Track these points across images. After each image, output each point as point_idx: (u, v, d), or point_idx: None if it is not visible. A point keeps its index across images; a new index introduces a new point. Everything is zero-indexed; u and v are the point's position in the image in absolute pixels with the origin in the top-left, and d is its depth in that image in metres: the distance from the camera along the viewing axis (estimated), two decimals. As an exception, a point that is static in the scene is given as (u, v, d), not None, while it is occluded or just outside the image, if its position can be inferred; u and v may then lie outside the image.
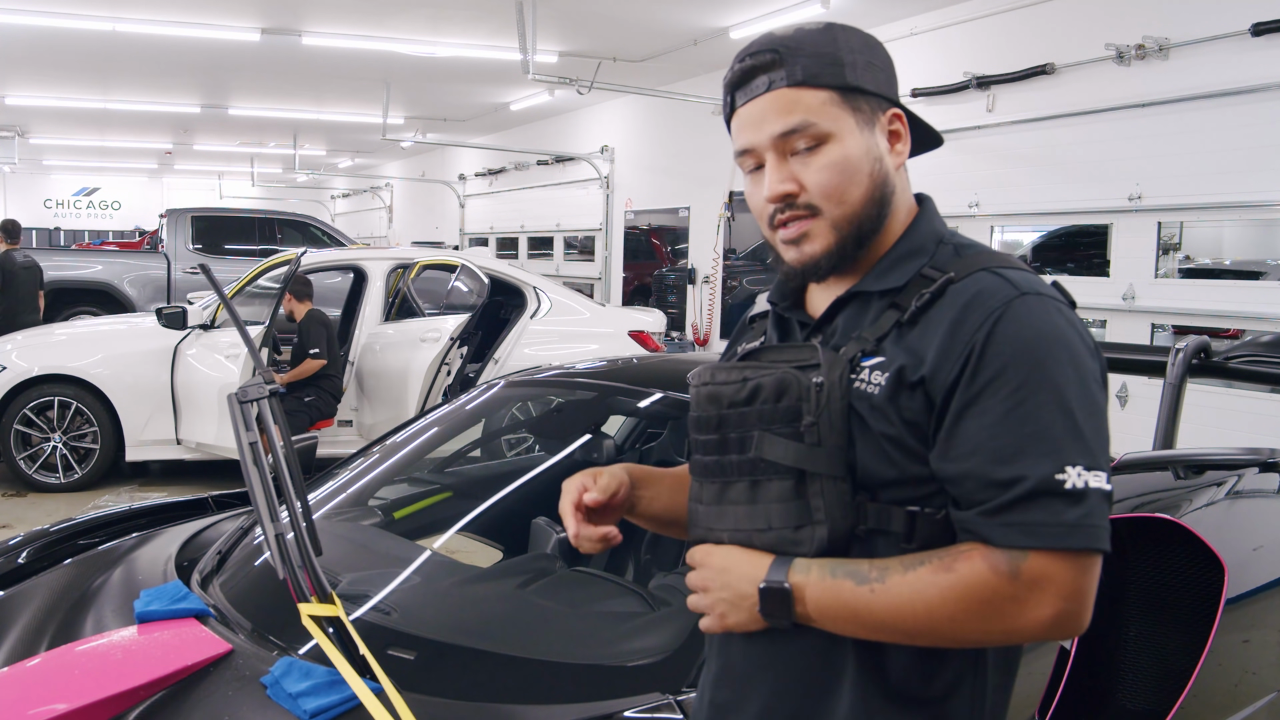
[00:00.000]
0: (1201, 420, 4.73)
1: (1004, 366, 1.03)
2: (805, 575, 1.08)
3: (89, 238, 23.63)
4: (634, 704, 1.66)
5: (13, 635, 2.03)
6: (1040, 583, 1.00)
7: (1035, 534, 1.00)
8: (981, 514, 1.03)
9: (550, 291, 7.03)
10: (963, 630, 1.04)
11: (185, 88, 12.29)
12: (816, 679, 1.15)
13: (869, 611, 1.05)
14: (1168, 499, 2.27)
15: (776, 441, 1.10)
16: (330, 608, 1.74)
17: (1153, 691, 2.07)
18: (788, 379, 1.11)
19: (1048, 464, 1.00)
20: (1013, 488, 1.01)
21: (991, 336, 1.04)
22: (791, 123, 1.13)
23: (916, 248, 1.17)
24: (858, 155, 1.14)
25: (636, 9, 7.96)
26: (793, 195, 1.15)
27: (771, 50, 1.15)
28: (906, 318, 1.11)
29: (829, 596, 1.07)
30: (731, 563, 1.12)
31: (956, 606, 1.02)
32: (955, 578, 1.02)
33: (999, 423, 1.02)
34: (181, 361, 6.31)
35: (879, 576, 1.05)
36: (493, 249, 14.48)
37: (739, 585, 1.11)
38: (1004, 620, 1.02)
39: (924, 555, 1.05)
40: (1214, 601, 2.08)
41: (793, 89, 1.13)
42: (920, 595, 1.03)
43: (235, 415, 1.80)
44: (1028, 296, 1.07)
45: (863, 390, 1.10)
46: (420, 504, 2.95)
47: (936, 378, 1.06)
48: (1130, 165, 5.94)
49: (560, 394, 3.14)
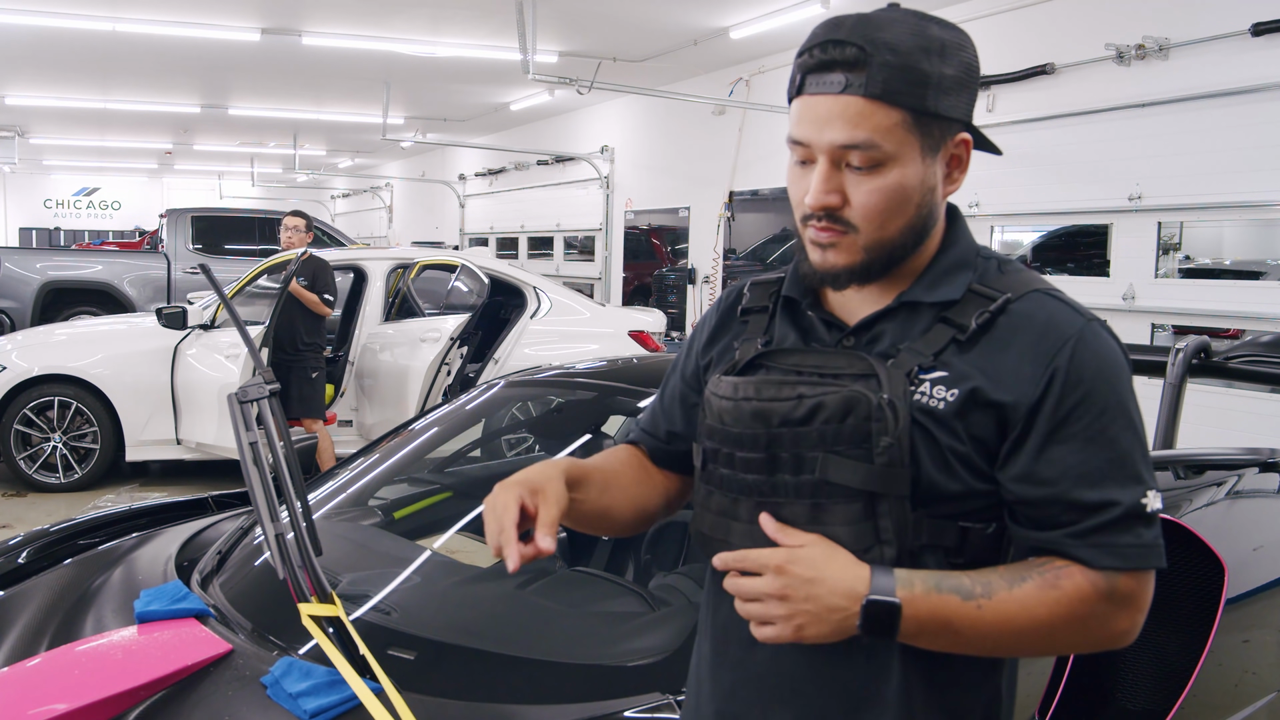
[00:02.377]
0: (1201, 420, 4.73)
1: (1088, 393, 1.05)
2: (910, 590, 1.02)
3: (89, 238, 23.60)
4: (634, 704, 1.66)
5: (13, 635, 2.03)
6: (1129, 599, 1.05)
7: (1126, 556, 1.04)
8: (1070, 535, 1.04)
9: (550, 291, 7.03)
10: (1056, 644, 1.09)
11: (185, 88, 12.29)
12: (858, 698, 1.12)
13: (974, 628, 1.03)
14: (1168, 499, 2.26)
15: (844, 464, 1.05)
16: (330, 608, 1.74)
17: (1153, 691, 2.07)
18: (855, 397, 1.05)
19: (1134, 489, 1.05)
20: (1103, 512, 1.04)
21: (1074, 362, 1.06)
22: (856, 138, 1.06)
23: (962, 260, 1.15)
24: (912, 185, 1.09)
25: (636, 9, 7.96)
26: (835, 208, 1.09)
27: (858, 45, 1.05)
28: (967, 336, 1.09)
29: (935, 612, 1.03)
30: (822, 572, 1.03)
31: (1061, 623, 1.04)
32: (1062, 595, 1.03)
33: (1085, 448, 1.05)
34: (181, 361, 6.31)
35: (984, 592, 1.03)
36: (493, 249, 14.47)
37: (831, 599, 1.02)
38: (1091, 633, 1.06)
39: (1021, 569, 1.06)
40: (1214, 601, 2.08)
41: (868, 100, 1.05)
42: (1028, 612, 1.03)
43: (235, 415, 1.80)
44: (1094, 324, 1.09)
45: (925, 404, 1.07)
46: (420, 504, 2.95)
47: (1018, 401, 1.06)
48: (1130, 165, 5.93)
49: (560, 394, 3.14)
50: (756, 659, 1.17)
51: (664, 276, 11.29)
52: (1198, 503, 2.30)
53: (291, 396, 5.94)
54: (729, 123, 9.74)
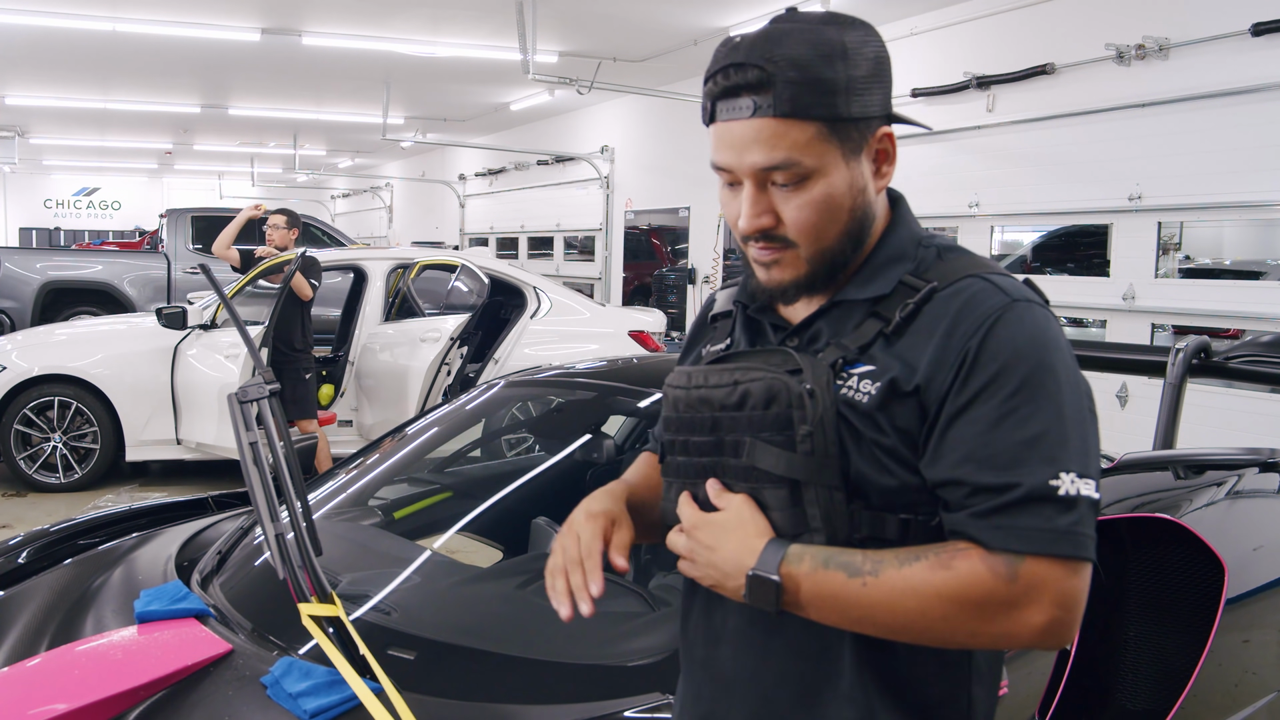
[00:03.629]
0: (1201, 420, 4.73)
1: (998, 372, 1.02)
2: (798, 565, 1.04)
3: (89, 238, 23.61)
4: (634, 704, 1.66)
5: (13, 635, 2.03)
6: (1036, 588, 0.99)
7: (1028, 538, 0.98)
8: (973, 515, 1.01)
9: (550, 291, 7.02)
10: (953, 630, 1.02)
11: (185, 88, 12.29)
12: (814, 691, 1.13)
13: (859, 605, 1.02)
14: (1168, 499, 2.27)
15: (768, 450, 1.07)
16: (330, 608, 1.74)
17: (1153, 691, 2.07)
18: (776, 385, 1.07)
19: (1043, 470, 0.99)
20: (1007, 492, 1.00)
21: (985, 342, 1.03)
22: (775, 159, 1.06)
23: (897, 254, 1.14)
24: (840, 192, 1.09)
25: (636, 9, 7.96)
26: (768, 228, 1.10)
27: (759, 66, 1.04)
28: (892, 328, 1.08)
29: (819, 588, 1.03)
30: (720, 539, 1.09)
31: (951, 606, 1.00)
32: (952, 575, 1.00)
33: (993, 428, 1.01)
34: (181, 361, 6.30)
35: (872, 569, 1.02)
36: (493, 249, 14.47)
37: (724, 566, 1.08)
38: (996, 623, 1.00)
39: (919, 550, 1.03)
40: (1214, 601, 2.08)
41: (779, 120, 1.05)
42: (915, 591, 1.01)
43: (235, 415, 1.80)
44: (1019, 303, 1.06)
45: (851, 398, 1.08)
46: (420, 504, 2.95)
47: (931, 386, 1.05)
48: (1130, 165, 5.93)
49: (560, 394, 3.14)
50: (719, 657, 1.20)
51: (664, 276, 11.29)
52: (1198, 503, 2.30)
53: (285, 398, 5.91)
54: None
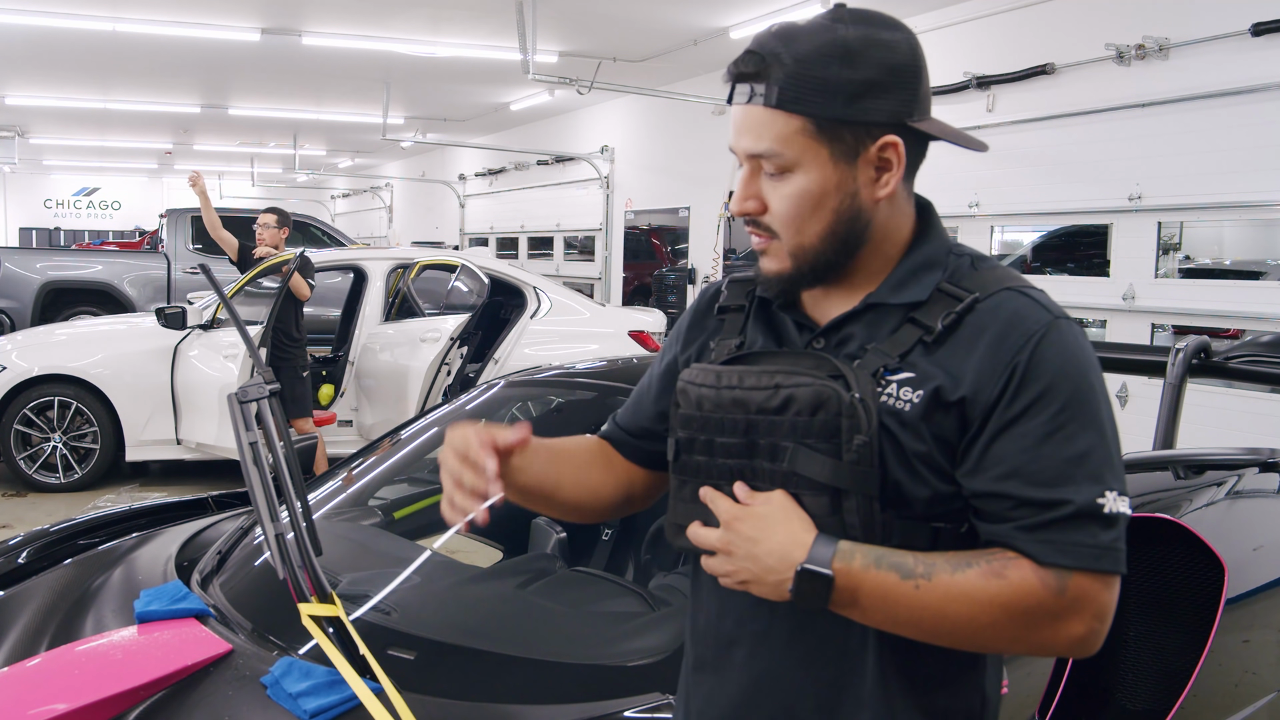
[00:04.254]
0: (1201, 420, 4.73)
1: (1047, 389, 1.03)
2: (849, 562, 1.02)
3: (89, 238, 23.60)
4: (634, 704, 1.66)
5: (13, 635, 2.03)
6: (1081, 601, 1.01)
7: (1076, 554, 1.01)
8: (1020, 529, 1.02)
9: (550, 291, 7.03)
10: (998, 637, 1.03)
11: (185, 88, 12.28)
12: (834, 696, 1.12)
13: (909, 608, 1.02)
14: (1168, 499, 2.27)
15: (813, 458, 1.05)
16: (330, 608, 1.74)
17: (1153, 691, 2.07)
18: (826, 393, 1.05)
19: (1090, 488, 1.02)
20: (1056, 509, 1.01)
21: (1034, 358, 1.04)
22: (759, 148, 1.10)
23: (931, 260, 1.14)
24: (823, 190, 1.09)
25: (636, 9, 7.96)
26: (754, 214, 1.13)
27: (758, 57, 1.09)
28: (934, 337, 1.08)
29: (871, 587, 1.02)
30: (763, 532, 1.05)
31: (1002, 614, 1.01)
32: (1006, 585, 1.01)
33: (1041, 444, 1.03)
34: (181, 361, 6.31)
35: (925, 573, 1.02)
36: (493, 249, 14.47)
37: (768, 559, 1.04)
38: (1040, 633, 1.02)
39: (969, 556, 1.03)
40: (1214, 601, 2.08)
41: (767, 110, 1.08)
42: (968, 598, 1.01)
43: (235, 415, 1.80)
44: (1061, 320, 1.07)
45: (892, 406, 1.07)
46: (420, 504, 2.95)
47: (978, 398, 1.05)
48: (1130, 165, 5.93)
49: (560, 394, 3.14)
50: (733, 660, 1.18)
51: (664, 276, 11.28)
52: (1198, 503, 2.30)
53: (283, 396, 5.90)
54: (728, 122, 9.73)
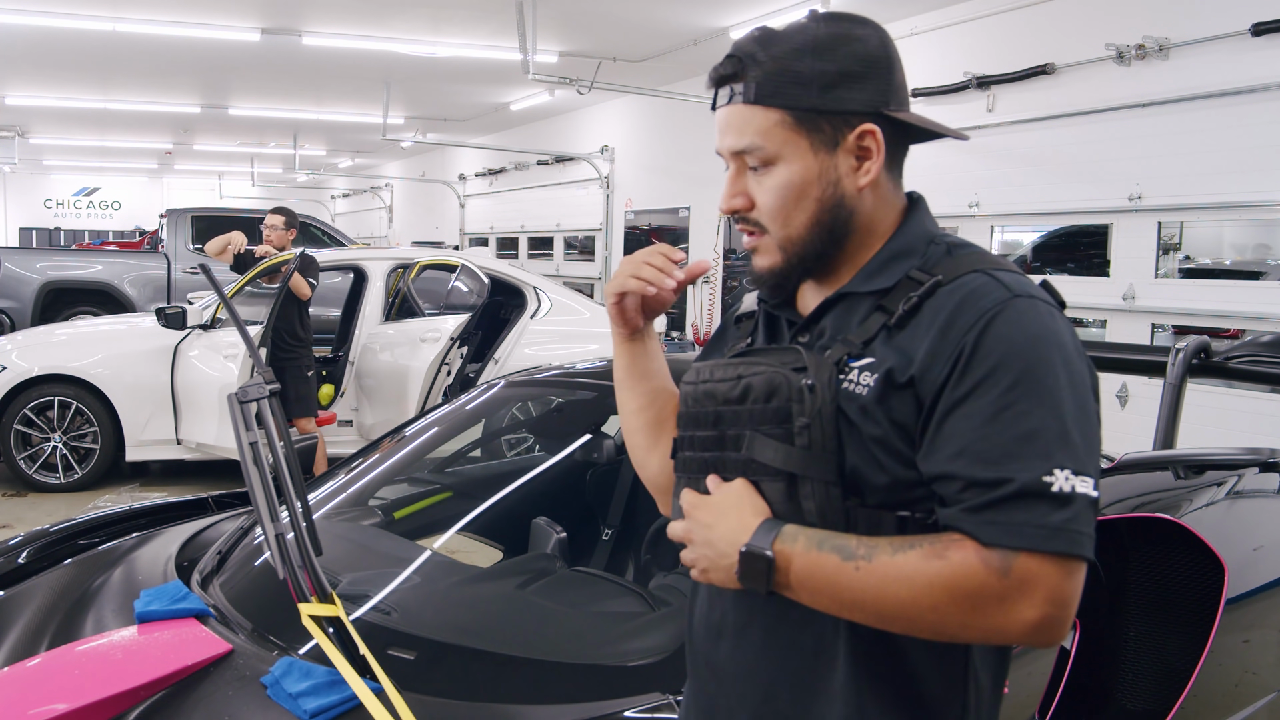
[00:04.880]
0: (1201, 420, 4.73)
1: (995, 367, 1.02)
2: (791, 544, 1.05)
3: (89, 238, 23.60)
4: (634, 704, 1.66)
5: (13, 635, 2.03)
6: (1029, 584, 0.98)
7: (1020, 534, 0.98)
8: (966, 510, 1.01)
9: (550, 291, 7.03)
10: (943, 622, 1.01)
11: (185, 88, 12.29)
12: (809, 688, 1.13)
13: (850, 589, 1.02)
14: (1168, 499, 2.27)
15: (767, 443, 1.09)
16: (330, 608, 1.74)
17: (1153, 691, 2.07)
18: (777, 379, 1.09)
19: (1037, 466, 0.99)
20: (999, 488, 0.99)
21: (983, 337, 1.03)
22: (741, 143, 1.15)
23: (905, 249, 1.16)
24: (805, 180, 1.13)
25: (636, 9, 7.96)
26: (743, 210, 1.17)
27: (735, 60, 1.15)
28: (894, 320, 1.09)
29: (812, 568, 1.04)
30: (718, 519, 1.10)
31: (943, 596, 1.00)
32: (945, 565, 0.99)
33: (988, 423, 1.01)
34: (181, 361, 6.30)
35: (866, 554, 1.02)
36: (493, 249, 14.47)
37: (720, 544, 1.09)
38: (988, 617, 1.00)
39: (913, 539, 1.03)
40: (1214, 601, 2.08)
41: (746, 106, 1.14)
42: (907, 579, 1.00)
43: (235, 415, 1.80)
44: (1020, 299, 1.06)
45: (851, 392, 1.08)
46: (420, 504, 2.96)
47: (926, 378, 1.05)
48: (1130, 165, 5.93)
49: (560, 394, 3.14)
50: (720, 653, 1.21)
51: (664, 276, 11.27)
52: (1198, 503, 2.30)
53: (289, 396, 5.88)
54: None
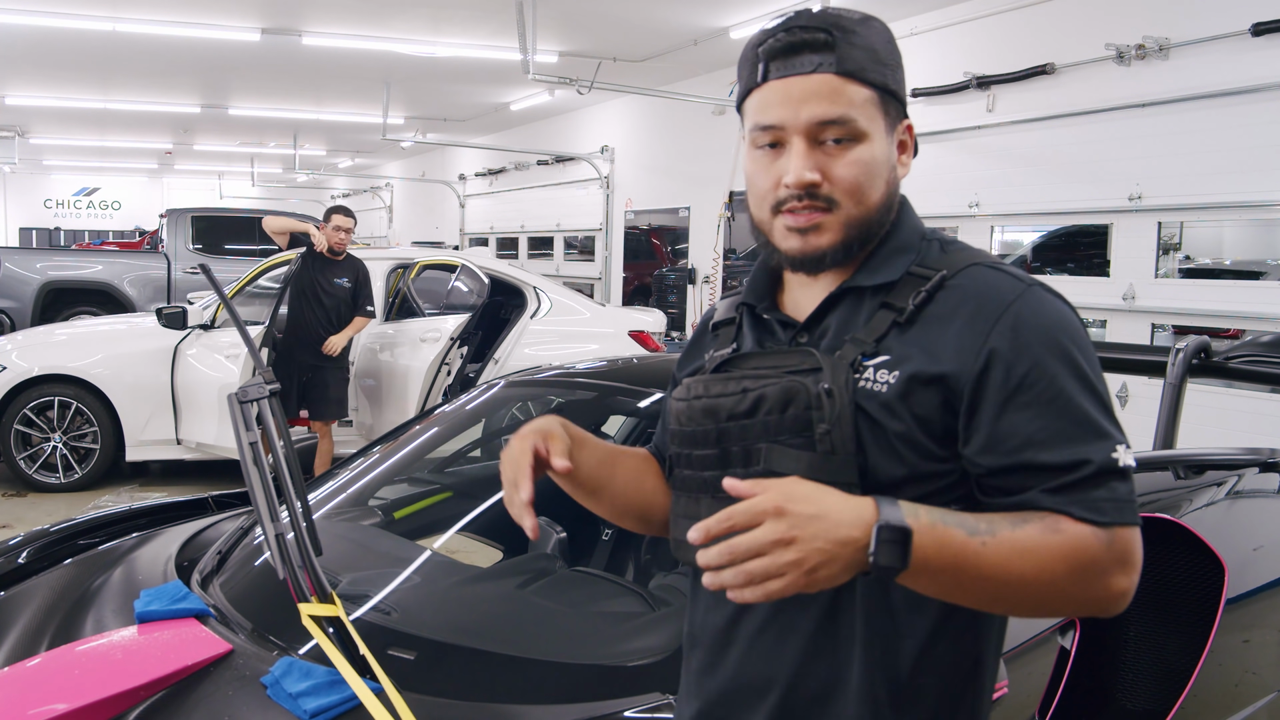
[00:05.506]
0: (1201, 420, 4.73)
1: (1037, 359, 1.05)
2: (916, 519, 0.98)
3: (89, 238, 23.60)
4: (634, 704, 1.66)
5: (13, 635, 2.03)
6: (1126, 555, 1.02)
7: (1104, 510, 1.01)
8: (1048, 493, 1.03)
9: (550, 291, 7.03)
10: (1054, 595, 1.02)
11: (185, 88, 12.29)
12: (827, 688, 1.13)
13: (976, 565, 1.00)
14: (1168, 499, 2.27)
15: (787, 453, 1.06)
16: (330, 608, 1.74)
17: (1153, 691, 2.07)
18: (794, 387, 1.07)
19: (1103, 445, 1.03)
20: (1077, 470, 1.02)
21: (1016, 330, 1.06)
22: (834, 113, 1.10)
23: (904, 244, 1.17)
24: (881, 159, 1.14)
25: (636, 9, 7.96)
26: (816, 185, 1.11)
27: (825, 30, 1.11)
28: (905, 317, 1.10)
29: (940, 544, 0.99)
30: (824, 506, 0.96)
31: (1062, 568, 1.01)
32: (1065, 539, 1.01)
33: (1044, 413, 1.04)
34: (181, 361, 6.31)
35: (988, 529, 1.01)
36: (493, 249, 14.48)
37: (840, 530, 0.95)
38: (1090, 588, 1.02)
39: (1024, 515, 1.03)
40: (1214, 601, 2.08)
41: (841, 78, 1.11)
42: (1033, 553, 1.00)
43: (235, 415, 1.80)
44: (1034, 289, 1.10)
45: (869, 389, 1.08)
46: (420, 504, 2.95)
47: (961, 373, 1.06)
48: (1130, 165, 5.93)
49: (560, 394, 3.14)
50: (729, 660, 1.19)
51: (664, 276, 11.29)
52: (1198, 503, 2.30)
53: (330, 399, 5.92)
54: (729, 123, 9.74)
